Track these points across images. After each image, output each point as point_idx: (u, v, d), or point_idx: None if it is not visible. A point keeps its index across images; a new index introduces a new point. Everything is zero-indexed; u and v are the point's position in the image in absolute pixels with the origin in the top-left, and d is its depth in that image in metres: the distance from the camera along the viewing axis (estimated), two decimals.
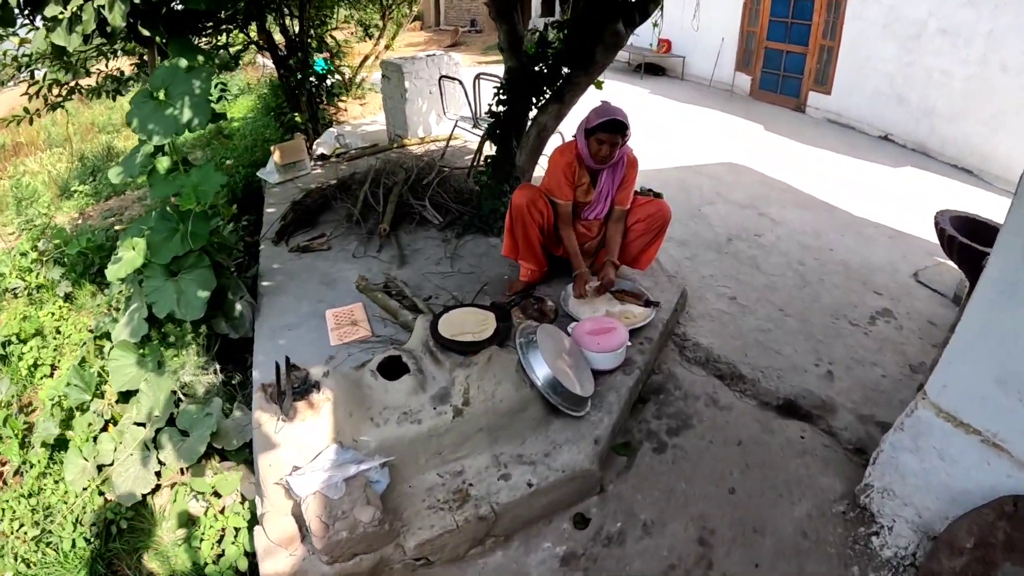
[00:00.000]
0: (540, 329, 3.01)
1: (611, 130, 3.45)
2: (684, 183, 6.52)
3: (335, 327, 3.77)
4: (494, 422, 2.82)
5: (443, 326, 3.06)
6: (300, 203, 5.32)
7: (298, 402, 2.49)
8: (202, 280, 3.57)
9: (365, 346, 3.58)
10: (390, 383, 2.80)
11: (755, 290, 4.41)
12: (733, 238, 5.25)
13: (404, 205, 5.19)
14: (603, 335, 3.20)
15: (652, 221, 3.78)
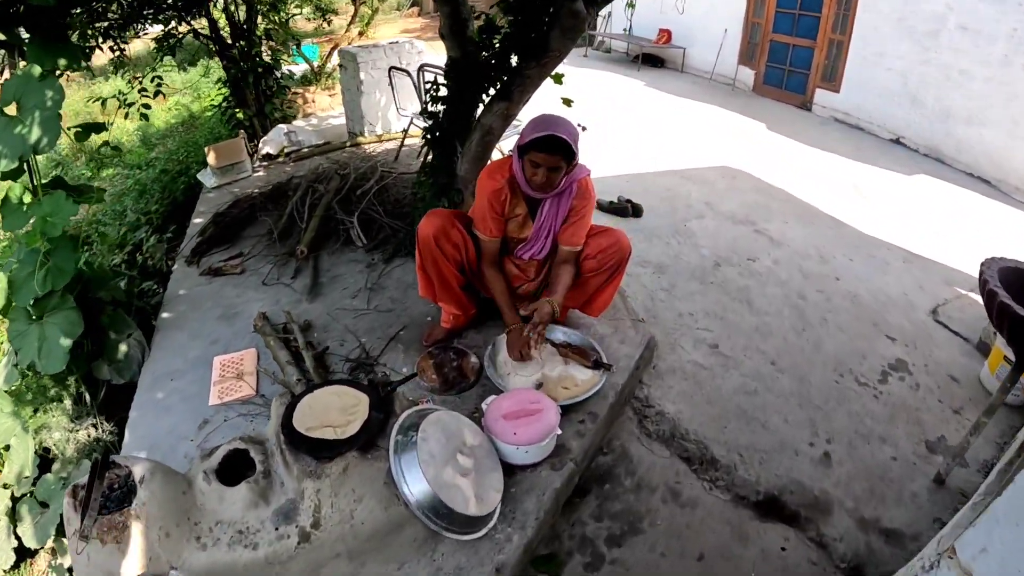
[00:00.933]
0: (428, 422, 2.27)
1: (548, 149, 2.62)
2: (671, 191, 5.70)
3: (218, 380, 3.22)
4: (356, 547, 2.17)
5: (301, 414, 2.35)
6: (223, 215, 4.66)
7: (105, 517, 2.03)
8: (67, 324, 3.09)
9: (246, 408, 3.05)
10: (227, 490, 2.19)
11: (743, 335, 3.63)
12: (722, 263, 4.43)
13: (331, 220, 4.49)
14: (524, 420, 2.44)
15: (605, 258, 2.97)
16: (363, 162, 5.39)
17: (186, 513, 2.16)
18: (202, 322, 3.74)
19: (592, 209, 2.97)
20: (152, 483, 2.13)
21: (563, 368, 2.88)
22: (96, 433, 3.33)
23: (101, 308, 3.51)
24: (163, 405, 3.16)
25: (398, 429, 2.27)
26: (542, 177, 2.70)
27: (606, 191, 5.50)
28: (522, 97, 3.56)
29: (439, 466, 2.18)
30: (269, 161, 6.04)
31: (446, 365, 3.00)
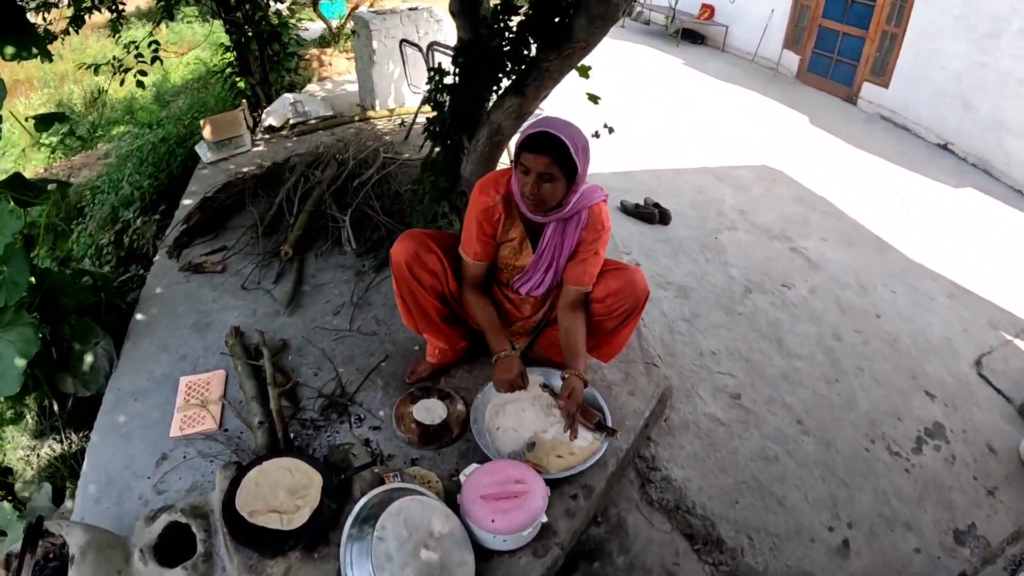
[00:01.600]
0: (388, 515, 1.93)
1: (538, 149, 2.15)
2: (703, 194, 5.26)
3: (182, 406, 2.91)
4: None
5: (246, 492, 2.06)
6: (211, 200, 4.28)
7: None
8: (21, 343, 2.80)
9: (207, 445, 2.73)
10: (165, 572, 1.96)
11: (769, 383, 3.25)
12: (753, 288, 4.01)
13: (322, 216, 4.10)
14: (505, 505, 2.10)
15: (615, 303, 2.48)
16: (369, 142, 4.99)
17: None
18: (173, 331, 3.43)
19: (606, 241, 2.51)
20: (86, 561, 1.92)
21: (559, 429, 2.49)
22: (61, 449, 3.16)
23: (65, 316, 3.24)
24: (124, 431, 2.89)
25: (353, 521, 1.96)
26: (532, 187, 2.20)
27: (634, 189, 5.10)
28: (538, 93, 3.09)
29: (398, 569, 1.86)
30: (271, 134, 5.64)
31: (428, 414, 2.68)
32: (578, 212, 2.40)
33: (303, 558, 1.94)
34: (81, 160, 7.45)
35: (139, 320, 3.54)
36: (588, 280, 2.48)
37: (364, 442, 2.63)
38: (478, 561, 2.08)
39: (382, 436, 2.67)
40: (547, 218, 2.38)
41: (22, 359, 2.78)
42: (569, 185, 2.26)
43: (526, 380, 2.51)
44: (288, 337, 3.26)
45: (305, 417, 2.78)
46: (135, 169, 5.49)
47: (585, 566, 2.33)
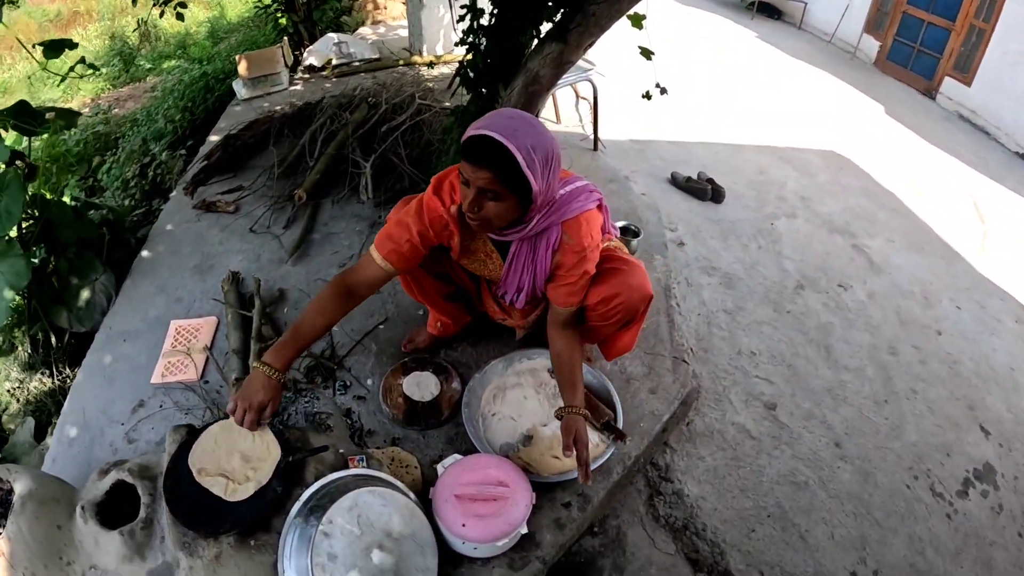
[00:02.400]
0: (338, 508, 1.67)
1: (479, 161, 1.66)
2: (763, 174, 4.83)
3: (168, 351, 2.79)
4: None
5: (203, 447, 1.87)
6: (234, 138, 4.09)
7: None
8: (12, 275, 2.76)
9: (184, 396, 2.60)
10: (102, 535, 1.81)
11: (810, 396, 2.87)
12: (806, 285, 3.61)
13: (344, 161, 3.82)
14: (480, 508, 1.84)
15: (608, 311, 2.05)
16: (409, 87, 4.71)
17: (58, 552, 1.83)
18: (175, 272, 3.26)
19: (595, 257, 2.00)
20: (25, 512, 1.80)
21: (556, 426, 2.16)
22: (51, 385, 3.06)
23: (62, 250, 3.14)
24: (108, 372, 2.77)
25: (299, 509, 1.73)
26: (470, 205, 1.73)
27: (688, 161, 4.73)
28: (582, 40, 2.75)
29: (341, 570, 1.61)
30: (312, 74, 5.39)
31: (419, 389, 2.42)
32: (549, 228, 1.92)
33: (237, 544, 1.71)
34: (128, 92, 7.38)
35: (144, 257, 3.40)
36: (575, 301, 2.04)
37: (344, 412, 2.41)
38: (445, 565, 1.84)
39: (365, 408, 2.44)
40: (504, 237, 1.94)
41: (11, 291, 2.71)
42: (523, 204, 1.78)
43: (264, 411, 1.87)
44: (288, 287, 3.05)
45: (287, 377, 2.54)
46: (174, 103, 5.35)
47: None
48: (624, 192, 3.72)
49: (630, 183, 3.84)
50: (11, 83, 8.55)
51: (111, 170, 4.89)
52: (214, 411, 2.47)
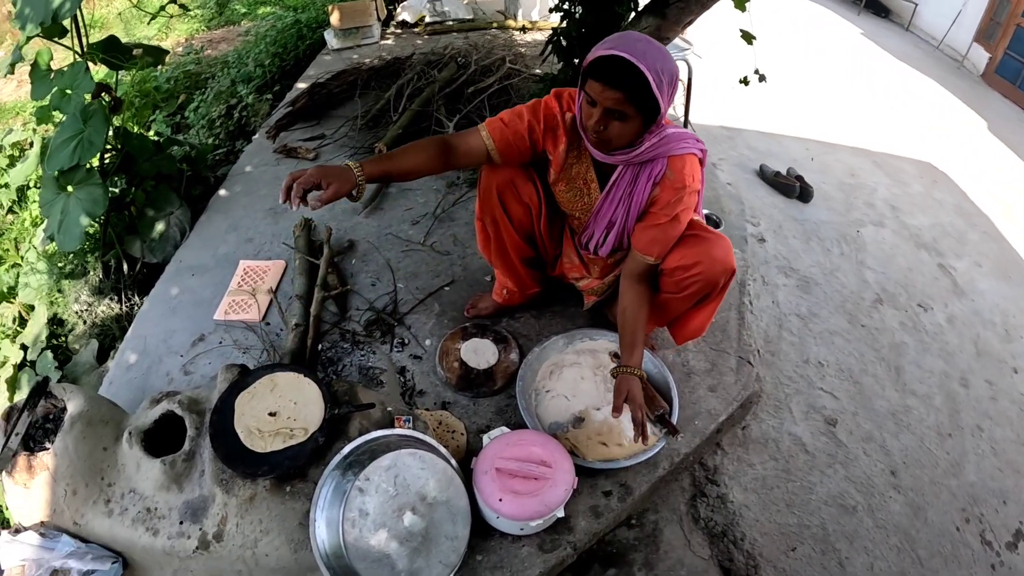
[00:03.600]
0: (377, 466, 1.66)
1: (605, 78, 1.64)
2: (855, 177, 4.62)
3: (234, 290, 2.84)
4: (260, 574, 1.79)
5: (252, 394, 1.88)
6: (320, 87, 4.13)
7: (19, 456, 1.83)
8: (89, 202, 2.81)
9: (244, 335, 2.63)
10: (144, 461, 1.85)
11: (873, 417, 2.73)
12: (885, 300, 3.42)
13: (427, 117, 3.79)
14: (519, 486, 1.81)
15: (685, 279, 2.00)
16: (500, 50, 4.67)
17: (100, 472, 1.90)
18: (248, 212, 3.31)
19: (691, 206, 1.95)
20: (73, 432, 1.86)
21: (610, 412, 2.11)
22: (117, 310, 3.13)
23: (139, 182, 3.23)
24: (173, 304, 2.85)
25: (339, 462, 1.72)
26: (596, 123, 1.73)
27: (778, 155, 4.58)
28: (681, 17, 2.68)
29: (370, 528, 1.62)
30: (403, 29, 5.42)
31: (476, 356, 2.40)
32: (655, 160, 1.88)
33: (272, 488, 1.73)
34: (222, 34, 7.45)
35: (220, 196, 3.47)
36: (658, 251, 1.98)
37: (398, 370, 2.41)
38: (475, 536, 1.83)
39: (420, 368, 2.43)
40: (612, 159, 1.88)
41: (87, 218, 2.76)
42: (646, 125, 1.77)
43: (320, 191, 1.72)
44: (358, 239, 3.06)
45: (347, 328, 2.57)
46: (265, 48, 5.40)
47: (598, 570, 2.01)
48: (709, 179, 3.57)
49: (716, 171, 3.73)
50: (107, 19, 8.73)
51: (198, 108, 4.98)
52: (272, 353, 2.49)
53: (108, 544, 1.88)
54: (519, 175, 2.08)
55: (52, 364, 3.03)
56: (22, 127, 6.09)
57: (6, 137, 5.72)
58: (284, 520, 1.72)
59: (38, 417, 1.91)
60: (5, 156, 5.58)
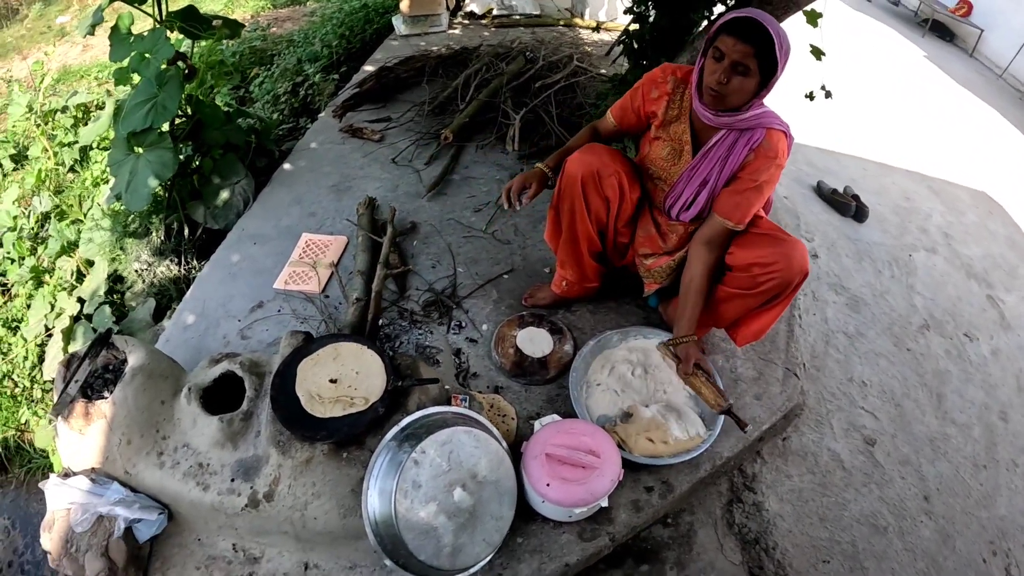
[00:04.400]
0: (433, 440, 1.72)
1: (740, 33, 1.80)
2: (910, 201, 4.56)
3: (295, 261, 2.92)
4: (306, 535, 1.88)
5: (315, 361, 1.93)
6: (388, 71, 4.20)
7: (76, 403, 1.92)
8: (158, 165, 2.88)
9: (303, 306, 2.71)
10: (201, 417, 1.93)
11: (912, 441, 2.72)
12: (932, 326, 3.40)
13: (493, 108, 3.85)
14: (566, 473, 1.85)
15: (762, 275, 2.04)
16: (566, 48, 4.70)
17: (156, 425, 1.98)
18: (312, 187, 3.39)
19: (774, 180, 2.06)
20: (133, 383, 1.94)
21: (663, 409, 2.18)
22: (176, 272, 3.24)
23: (207, 150, 3.31)
24: (233, 270, 2.93)
25: (396, 433, 1.78)
26: (721, 76, 1.85)
27: (835, 172, 4.54)
28: None
29: (421, 500, 1.67)
30: (471, 20, 5.48)
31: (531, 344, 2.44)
32: (754, 128, 2.00)
33: (329, 453, 1.80)
34: (287, 13, 7.54)
35: (285, 169, 3.54)
36: (739, 216, 2.06)
37: (454, 351, 2.46)
38: (517, 518, 1.88)
39: (475, 351, 2.48)
40: (718, 119, 1.98)
41: (155, 180, 2.84)
42: (761, 87, 1.90)
43: (527, 188, 2.23)
44: (420, 221, 3.12)
45: (406, 307, 2.64)
46: (332, 29, 5.47)
47: (631, 565, 2.05)
48: None
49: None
50: None
51: (263, 84, 5.07)
52: (330, 324, 2.55)
53: (156, 495, 1.96)
54: (606, 167, 2.16)
55: (109, 319, 3.12)
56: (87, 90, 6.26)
57: (71, 98, 5.89)
58: (337, 485, 1.78)
59: (98, 367, 2.00)
60: (70, 117, 5.74)
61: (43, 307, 3.53)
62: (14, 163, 5.63)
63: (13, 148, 5.70)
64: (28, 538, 3.07)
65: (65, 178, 5.22)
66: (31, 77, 6.83)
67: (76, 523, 1.87)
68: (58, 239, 3.77)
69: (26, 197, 4.98)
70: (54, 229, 3.95)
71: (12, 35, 9.49)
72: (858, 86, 6.43)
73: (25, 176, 5.23)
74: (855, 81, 6.49)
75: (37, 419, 3.31)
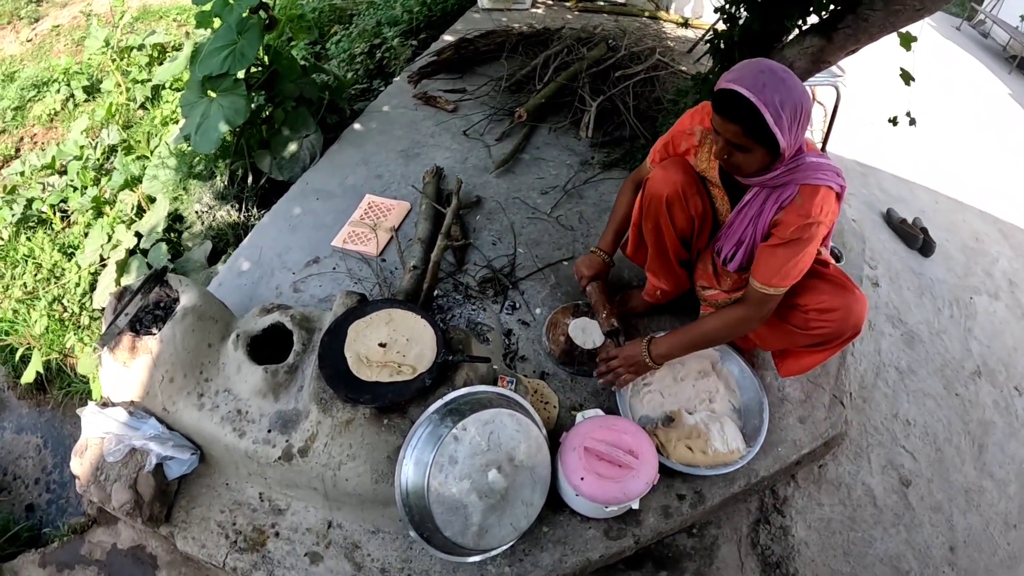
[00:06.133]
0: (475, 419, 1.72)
1: (727, 114, 1.68)
2: (979, 242, 4.41)
3: (356, 221, 2.93)
4: (335, 494, 1.91)
5: (368, 324, 1.96)
6: (467, 43, 4.18)
7: (124, 335, 1.97)
8: (231, 110, 2.91)
9: (359, 266, 2.73)
10: (246, 365, 1.96)
11: (948, 489, 2.66)
12: (984, 374, 3.30)
13: (570, 92, 3.80)
14: (602, 470, 1.84)
15: (819, 321, 1.97)
16: (651, 39, 4.64)
17: (200, 367, 2.01)
18: (381, 149, 3.40)
19: (812, 238, 1.83)
20: (183, 323, 1.97)
21: (708, 418, 2.16)
22: (235, 218, 3.28)
23: (280, 101, 3.33)
24: (293, 223, 2.95)
25: (440, 407, 1.78)
26: (720, 152, 1.78)
27: (908, 201, 4.44)
28: (846, 44, 2.58)
29: (456, 477, 1.68)
30: (555, 1, 5.43)
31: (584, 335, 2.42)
32: (787, 184, 1.84)
33: (371, 418, 1.81)
34: None
35: (355, 129, 3.56)
36: (770, 279, 1.88)
37: (505, 331, 2.45)
38: (546, 507, 1.88)
39: (526, 334, 2.46)
40: (747, 180, 1.89)
41: (226, 125, 2.87)
42: (772, 156, 1.76)
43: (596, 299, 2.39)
44: (486, 196, 3.11)
45: (462, 280, 2.63)
46: None
47: (651, 569, 2.05)
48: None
49: (845, 206, 3.62)
50: None
51: (340, 42, 5.09)
52: (384, 288, 2.56)
53: (191, 436, 2.00)
54: (690, 185, 2.05)
55: (165, 256, 3.18)
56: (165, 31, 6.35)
57: (149, 37, 5.98)
58: (374, 450, 1.80)
59: (149, 302, 2.03)
60: (145, 55, 5.83)
61: (101, 237, 3.60)
62: (87, 95, 5.75)
63: (87, 80, 5.83)
64: (58, 459, 3.14)
65: (135, 114, 5.31)
66: (111, 13, 6.95)
67: (109, 452, 1.92)
68: (123, 172, 3.83)
69: (95, 129, 5.09)
70: (119, 162, 4.03)
71: None
72: (940, 116, 6.23)
73: (96, 108, 5.33)
74: (937, 110, 6.29)
75: (82, 345, 3.37)
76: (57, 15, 7.70)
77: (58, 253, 3.86)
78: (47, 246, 3.93)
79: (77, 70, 5.96)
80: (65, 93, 5.78)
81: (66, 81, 5.87)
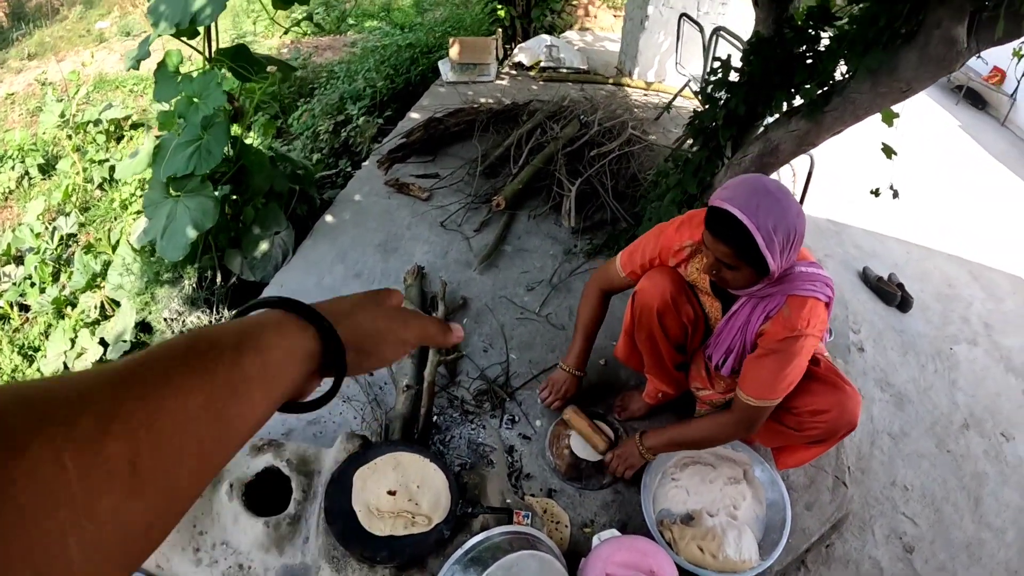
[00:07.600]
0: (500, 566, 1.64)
1: (720, 235, 1.71)
2: (952, 288, 4.49)
3: None
4: None
5: (373, 470, 1.87)
6: (437, 122, 4.14)
7: None
8: (199, 213, 2.79)
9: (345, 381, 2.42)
10: (243, 516, 1.84)
11: (948, 548, 2.66)
12: (972, 425, 3.33)
13: (547, 176, 3.76)
14: None
15: (812, 423, 1.98)
16: (618, 111, 4.63)
17: (194, 520, 1.87)
18: (357, 244, 3.32)
19: (800, 351, 1.82)
20: None
21: (727, 522, 2.12)
22: (207, 322, 3.14)
23: (249, 198, 3.20)
24: None
25: (460, 556, 1.70)
26: (709, 268, 1.83)
27: (882, 256, 4.50)
28: (834, 126, 2.62)
29: None
30: (518, 71, 5.45)
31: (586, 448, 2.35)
32: (775, 296, 1.85)
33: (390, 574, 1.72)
34: (328, 42, 7.51)
35: (328, 222, 3.46)
36: (759, 392, 1.87)
37: (507, 449, 2.38)
38: None
39: (528, 449, 2.40)
40: (734, 291, 1.91)
41: (194, 230, 2.75)
42: (760, 275, 1.78)
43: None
44: (471, 296, 3.04)
45: (456, 395, 2.54)
46: (375, 66, 5.41)
47: None
48: None
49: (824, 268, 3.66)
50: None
51: (301, 118, 5.04)
52: (375, 407, 2.46)
53: None
54: (680, 294, 2.05)
55: None
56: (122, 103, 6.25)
57: (105, 112, 5.87)
58: None
59: None
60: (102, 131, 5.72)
61: (63, 342, 3.44)
62: (42, 173, 5.62)
63: (42, 158, 5.70)
64: None
65: (92, 195, 5.18)
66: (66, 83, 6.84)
67: None
68: (83, 273, 3.68)
69: (51, 211, 4.95)
70: (79, 261, 3.87)
71: (51, 35, 9.57)
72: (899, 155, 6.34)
73: (52, 188, 5.20)
74: (896, 149, 6.41)
75: None
76: (12, 81, 7.67)
77: (18, 356, 3.70)
78: (6, 347, 3.77)
79: (32, 147, 5.83)
80: (20, 171, 5.65)
81: (20, 158, 5.74)
